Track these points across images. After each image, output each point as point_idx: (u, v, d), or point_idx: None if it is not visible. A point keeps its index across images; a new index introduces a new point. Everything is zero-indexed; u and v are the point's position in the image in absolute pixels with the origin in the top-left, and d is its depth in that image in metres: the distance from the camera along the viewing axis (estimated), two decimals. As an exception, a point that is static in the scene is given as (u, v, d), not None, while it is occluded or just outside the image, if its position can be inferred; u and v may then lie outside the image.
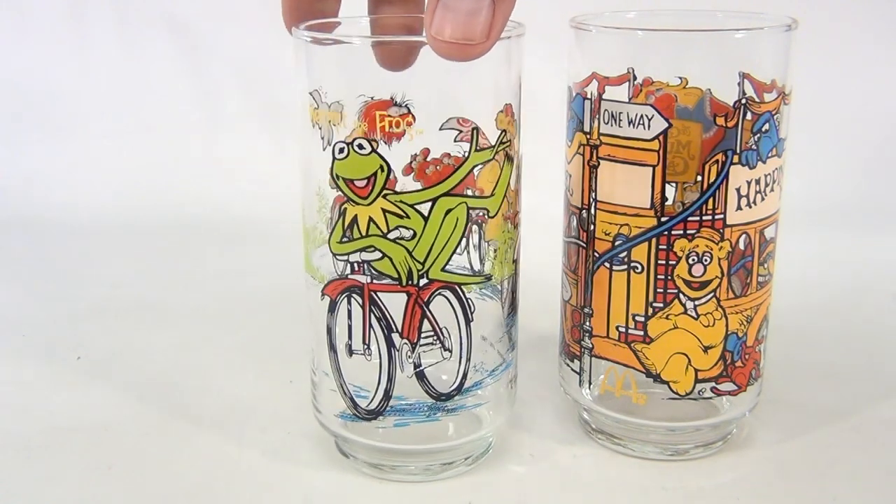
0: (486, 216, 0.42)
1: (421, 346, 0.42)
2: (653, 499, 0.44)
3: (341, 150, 0.40)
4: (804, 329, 0.61)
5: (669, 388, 0.45)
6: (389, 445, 0.44)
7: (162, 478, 0.45)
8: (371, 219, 0.41)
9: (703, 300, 0.44)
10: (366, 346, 0.43)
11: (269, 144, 0.87)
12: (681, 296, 0.44)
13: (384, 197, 0.40)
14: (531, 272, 0.59)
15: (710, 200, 0.42)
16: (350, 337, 0.43)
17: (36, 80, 0.92)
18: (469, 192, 0.41)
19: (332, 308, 0.43)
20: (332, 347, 0.43)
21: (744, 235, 0.44)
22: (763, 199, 0.43)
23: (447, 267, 0.42)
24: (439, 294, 0.42)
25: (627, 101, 0.42)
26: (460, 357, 0.43)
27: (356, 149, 0.40)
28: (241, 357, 0.58)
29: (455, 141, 0.40)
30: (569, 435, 0.49)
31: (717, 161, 0.42)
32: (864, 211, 0.80)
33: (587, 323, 0.46)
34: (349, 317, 0.42)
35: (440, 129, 0.39)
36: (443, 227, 0.41)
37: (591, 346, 0.46)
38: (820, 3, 0.79)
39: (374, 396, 0.43)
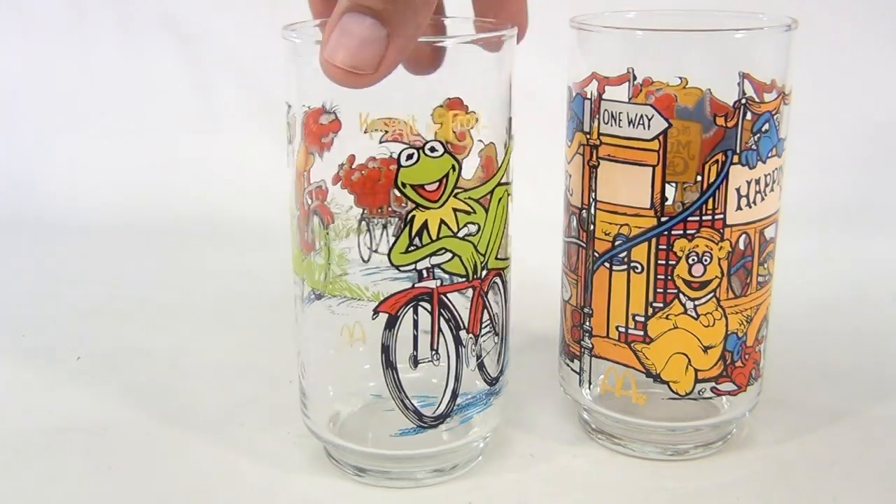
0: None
1: (482, 336, 0.43)
2: (653, 499, 0.44)
3: (409, 157, 0.39)
4: (804, 329, 0.61)
5: (669, 388, 0.45)
6: (385, 452, 0.44)
7: (161, 478, 0.45)
8: (443, 221, 0.40)
9: (703, 300, 0.44)
10: (434, 352, 0.42)
11: (270, 144, 0.87)
12: (681, 296, 0.44)
13: (455, 196, 0.40)
14: (531, 272, 0.59)
15: (710, 200, 0.42)
16: (415, 348, 0.42)
17: (36, 80, 0.92)
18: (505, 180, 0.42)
19: (392, 324, 0.41)
20: (390, 365, 0.42)
21: (744, 235, 0.44)
22: (763, 199, 0.43)
23: (498, 254, 0.43)
24: (493, 282, 0.43)
25: (627, 101, 0.42)
26: (504, 339, 0.45)
27: (427, 152, 0.39)
28: (241, 357, 0.58)
29: (381, 142, 0.39)
30: (569, 435, 0.49)
31: (716, 161, 0.42)
32: (864, 211, 0.80)
33: (587, 323, 0.46)
34: (415, 327, 0.42)
35: (364, 131, 0.39)
36: (497, 216, 0.42)
37: (591, 346, 0.46)
38: (820, 3, 0.79)
39: (441, 401, 0.43)
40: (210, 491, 0.44)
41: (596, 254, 0.45)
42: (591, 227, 0.44)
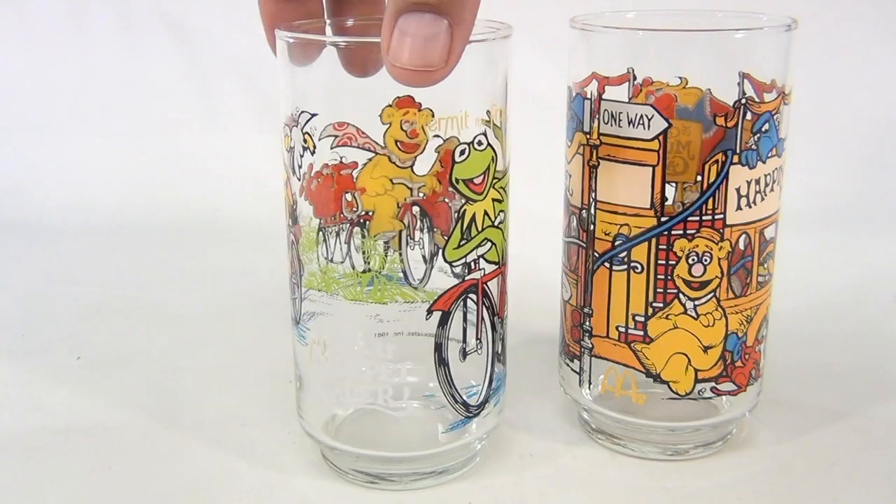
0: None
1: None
2: (653, 499, 0.44)
3: (462, 153, 0.39)
4: (804, 329, 0.61)
5: (669, 388, 0.45)
6: (382, 454, 0.44)
7: (161, 478, 0.45)
8: (485, 212, 0.41)
9: (703, 300, 0.44)
10: (478, 342, 0.43)
11: (270, 144, 0.87)
12: (681, 296, 0.44)
13: (493, 186, 0.41)
14: (531, 272, 0.59)
15: (710, 200, 0.42)
16: (465, 340, 0.42)
17: (36, 80, 0.92)
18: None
19: (445, 321, 0.42)
20: (443, 362, 0.42)
21: (744, 235, 0.44)
22: (763, 199, 0.43)
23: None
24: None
25: (627, 101, 0.42)
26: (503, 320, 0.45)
27: (476, 146, 0.39)
28: (241, 357, 0.58)
29: (332, 148, 0.39)
30: (569, 435, 0.49)
31: (716, 161, 0.42)
32: (864, 211, 0.80)
33: (587, 323, 0.46)
34: (464, 319, 0.42)
35: (320, 138, 0.39)
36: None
37: (590, 345, 0.46)
38: (820, 3, 0.79)
39: (482, 388, 0.44)
40: (210, 491, 0.44)
41: (596, 254, 0.45)
42: (591, 227, 0.44)
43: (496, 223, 0.42)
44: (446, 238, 0.40)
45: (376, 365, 0.42)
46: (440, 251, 0.41)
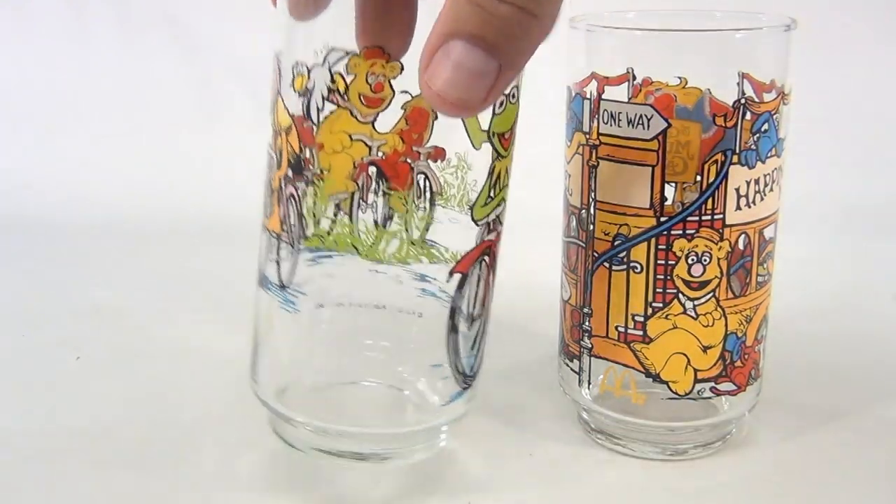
0: None
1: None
2: (653, 499, 0.44)
3: (501, 104, 0.37)
4: (804, 329, 0.61)
5: (669, 387, 0.45)
6: (331, 425, 0.41)
7: (161, 478, 0.45)
8: (506, 169, 0.39)
9: (703, 300, 0.44)
10: (483, 307, 0.41)
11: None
12: (680, 296, 0.44)
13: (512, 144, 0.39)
14: (531, 272, 0.59)
15: (710, 200, 0.42)
16: (473, 305, 0.40)
17: (36, 80, 0.92)
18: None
19: (462, 284, 0.39)
20: (454, 329, 0.40)
21: (743, 235, 0.44)
22: (762, 199, 0.43)
23: None
24: None
25: (627, 101, 0.42)
26: None
27: (510, 100, 0.37)
28: (241, 357, 0.58)
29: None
30: (569, 435, 0.49)
31: (716, 161, 0.42)
32: (864, 211, 0.80)
33: (586, 323, 0.46)
34: (477, 283, 0.40)
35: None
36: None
37: (590, 345, 0.46)
38: (820, 3, 0.79)
39: (477, 357, 0.42)
40: (210, 491, 0.44)
41: (595, 254, 0.45)
42: (591, 227, 0.44)
43: (509, 180, 0.40)
44: (473, 200, 0.38)
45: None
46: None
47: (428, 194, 0.38)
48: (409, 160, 0.37)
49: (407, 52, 0.36)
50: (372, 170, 0.37)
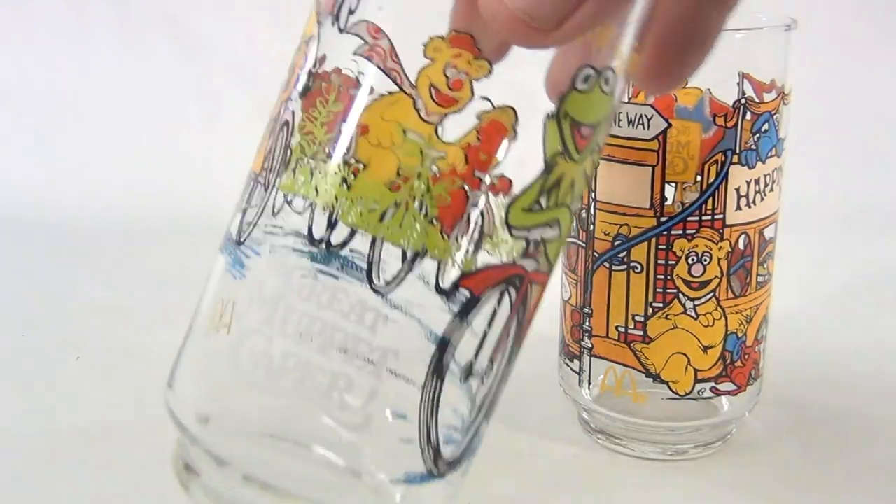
0: None
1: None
2: (653, 499, 0.44)
3: (586, 79, 0.28)
4: (804, 329, 0.61)
5: (669, 387, 0.45)
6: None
7: (161, 478, 0.45)
8: (573, 182, 0.29)
9: (703, 300, 0.44)
10: (491, 364, 0.30)
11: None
12: (680, 296, 0.44)
13: (597, 152, 0.30)
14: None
15: (710, 200, 0.42)
16: (477, 352, 0.29)
17: (36, 80, 0.92)
18: None
19: (467, 309, 0.28)
20: (439, 372, 0.28)
21: (743, 235, 0.44)
22: (762, 199, 0.43)
23: None
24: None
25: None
26: None
27: (603, 84, 0.28)
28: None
29: (354, 53, 0.28)
30: (569, 435, 0.49)
31: (716, 161, 0.42)
32: (864, 211, 0.80)
33: (587, 323, 0.46)
34: (490, 319, 0.29)
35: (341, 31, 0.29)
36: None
37: (590, 345, 0.46)
38: (820, 3, 0.79)
39: (467, 435, 0.31)
40: (210, 491, 0.44)
41: (595, 254, 0.45)
42: (591, 227, 0.44)
43: (574, 208, 0.30)
44: (516, 195, 0.28)
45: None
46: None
47: (476, 235, 0.28)
48: (466, 186, 0.28)
49: (503, 57, 0.29)
50: (419, 186, 0.28)
